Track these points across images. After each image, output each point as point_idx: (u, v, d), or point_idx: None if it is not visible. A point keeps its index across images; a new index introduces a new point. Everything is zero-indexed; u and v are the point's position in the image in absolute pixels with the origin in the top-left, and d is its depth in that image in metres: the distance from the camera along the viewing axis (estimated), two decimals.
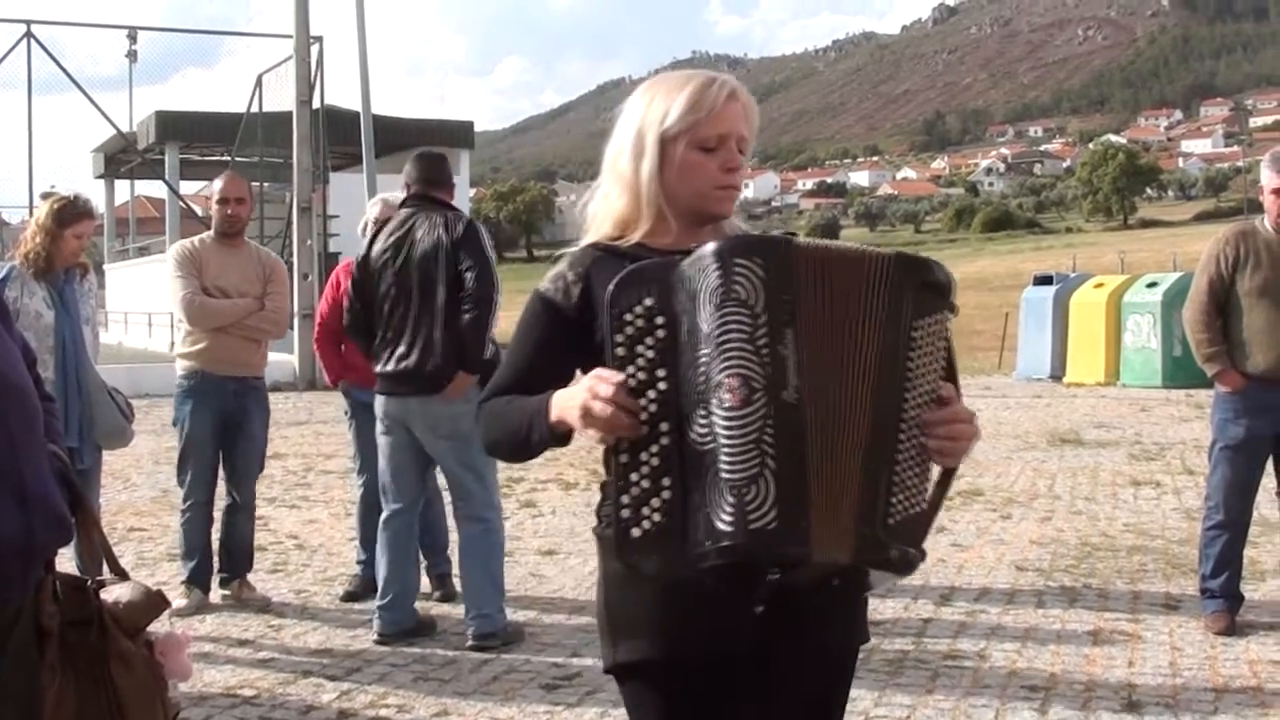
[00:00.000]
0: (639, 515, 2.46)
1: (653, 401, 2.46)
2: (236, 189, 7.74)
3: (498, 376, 2.85)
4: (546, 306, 2.80)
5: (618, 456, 2.49)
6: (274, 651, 6.74)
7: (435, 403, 6.67)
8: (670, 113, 2.74)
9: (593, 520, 2.87)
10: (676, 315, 2.47)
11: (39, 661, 2.99)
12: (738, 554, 2.37)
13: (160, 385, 22.00)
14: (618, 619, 2.75)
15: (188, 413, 7.57)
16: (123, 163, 45.22)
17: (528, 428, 2.69)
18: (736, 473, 2.35)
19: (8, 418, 2.85)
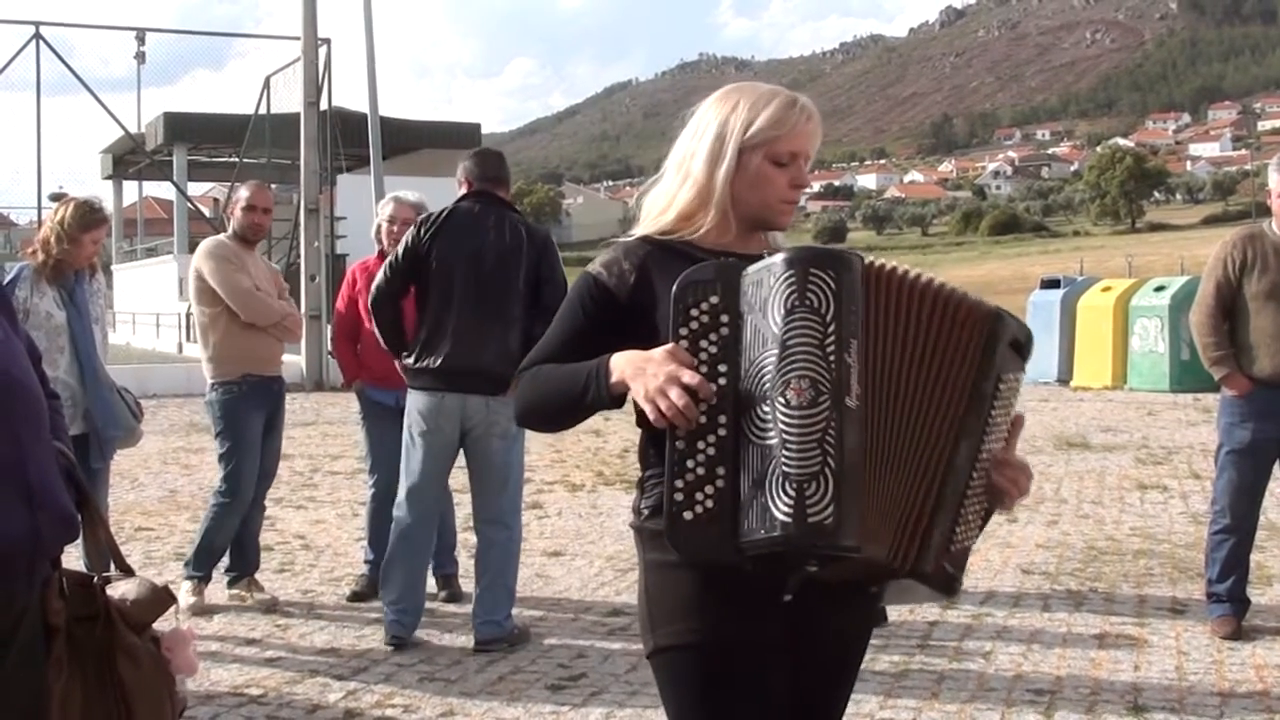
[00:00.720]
0: (692, 500, 2.58)
1: (713, 394, 2.59)
2: (265, 199, 7.80)
3: (542, 346, 2.95)
4: (600, 289, 2.90)
5: (673, 444, 2.61)
6: (281, 651, 6.75)
7: (498, 402, 6.66)
8: (755, 123, 2.85)
9: (599, 520, 2.98)
10: (741, 315, 2.62)
11: (46, 657, 3.00)
12: (792, 544, 2.50)
13: (167, 385, 22.10)
14: (656, 605, 2.87)
15: (240, 418, 7.54)
16: (131, 164, 45.37)
17: (583, 387, 2.78)
18: (799, 467, 2.49)
19: (13, 416, 2.86)
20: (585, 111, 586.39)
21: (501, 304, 6.65)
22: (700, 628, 2.79)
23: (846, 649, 2.98)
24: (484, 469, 6.86)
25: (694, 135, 2.93)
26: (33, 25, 28.43)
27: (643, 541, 2.90)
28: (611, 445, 15.03)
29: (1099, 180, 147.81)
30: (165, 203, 61.24)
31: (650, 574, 2.88)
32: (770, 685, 2.83)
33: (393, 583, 6.85)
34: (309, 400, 21.22)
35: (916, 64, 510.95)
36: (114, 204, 47.84)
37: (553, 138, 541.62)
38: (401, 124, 37.16)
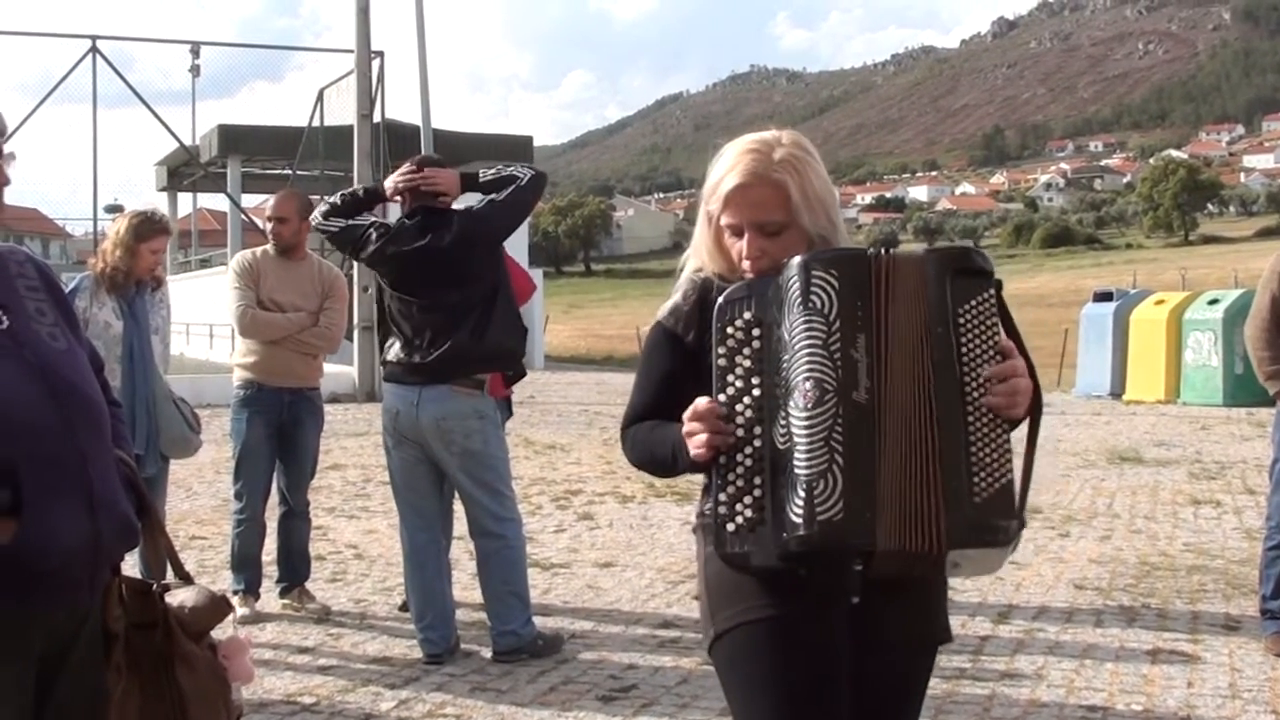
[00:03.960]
0: (733, 512, 2.70)
1: (748, 407, 2.71)
2: (281, 208, 7.85)
3: (631, 403, 3.11)
4: (667, 338, 3.07)
5: (716, 458, 2.73)
6: (333, 659, 6.79)
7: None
8: (706, 190, 2.99)
9: (649, 532, 3.07)
10: (770, 326, 2.71)
11: (105, 663, 3.03)
12: (810, 544, 2.56)
13: (221, 395, 22.13)
14: (717, 594, 2.96)
15: (243, 423, 7.68)
16: (185, 176, 45.64)
17: (672, 458, 2.92)
18: (808, 468, 2.56)
19: (76, 426, 2.90)
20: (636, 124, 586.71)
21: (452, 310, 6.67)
22: (763, 604, 2.85)
23: (911, 658, 2.99)
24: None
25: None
26: (89, 39, 28.66)
27: (702, 536, 3.01)
28: None
29: (1152, 192, 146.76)
30: (219, 214, 61.54)
31: (710, 566, 2.93)
32: (836, 666, 2.86)
33: (413, 600, 6.88)
34: (361, 411, 21.30)
35: (968, 75, 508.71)
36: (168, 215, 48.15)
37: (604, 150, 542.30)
38: (454, 136, 37.22)
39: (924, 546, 2.60)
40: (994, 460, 2.65)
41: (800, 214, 2.89)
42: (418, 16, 25.21)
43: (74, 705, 2.99)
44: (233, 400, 7.80)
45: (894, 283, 2.67)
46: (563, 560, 9.19)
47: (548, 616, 7.40)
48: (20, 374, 2.85)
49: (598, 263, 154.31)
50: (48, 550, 2.81)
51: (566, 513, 11.26)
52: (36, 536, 2.78)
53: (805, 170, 2.90)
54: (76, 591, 2.95)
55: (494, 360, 6.81)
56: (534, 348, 30.28)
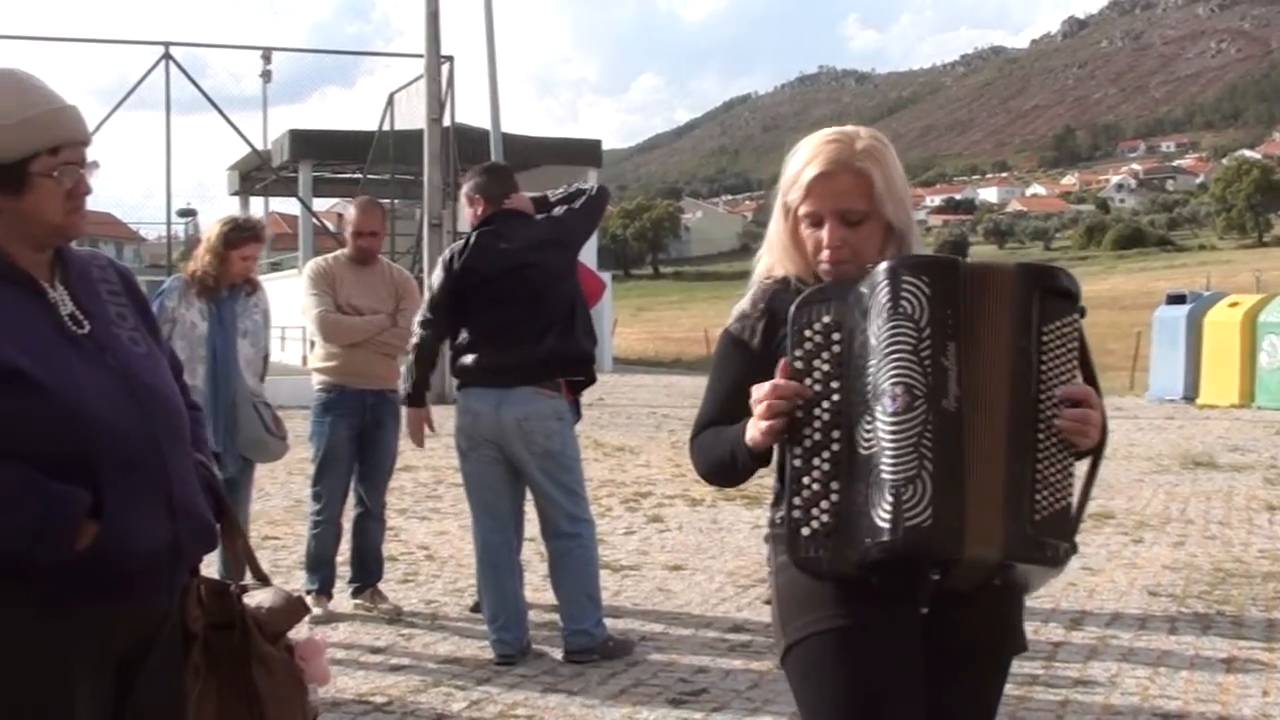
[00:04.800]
0: (808, 516, 2.68)
1: (826, 411, 2.69)
2: (371, 222, 7.88)
3: (700, 412, 3.08)
4: (736, 345, 3.02)
5: (791, 461, 2.71)
6: (405, 659, 6.84)
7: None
8: (786, 188, 2.96)
9: (719, 536, 3.07)
10: (851, 331, 2.69)
11: (184, 664, 3.07)
12: (895, 550, 2.55)
13: (292, 397, 22.30)
14: (788, 603, 2.94)
15: (326, 426, 7.74)
16: (257, 180, 45.98)
17: (731, 455, 2.91)
18: (896, 473, 2.54)
19: (157, 429, 2.94)
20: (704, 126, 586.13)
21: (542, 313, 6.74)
22: (835, 614, 2.83)
23: (985, 665, 2.97)
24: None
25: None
26: (163, 45, 28.94)
27: (773, 546, 2.97)
28: None
29: (1225, 193, 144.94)
30: (290, 218, 62.02)
31: (781, 575, 2.94)
32: (909, 676, 2.83)
33: (486, 601, 6.94)
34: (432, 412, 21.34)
35: (1038, 76, 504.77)
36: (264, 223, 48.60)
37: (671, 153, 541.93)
38: (523, 140, 37.31)
39: (987, 556, 2.62)
40: (1057, 481, 2.66)
41: (883, 204, 2.88)
42: (487, 21, 25.35)
43: (153, 705, 3.02)
44: (314, 403, 7.86)
45: (981, 293, 2.66)
46: (633, 562, 9.21)
47: (618, 618, 7.41)
48: (102, 378, 2.89)
49: (666, 265, 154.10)
50: (128, 552, 2.85)
51: (636, 515, 11.28)
52: (118, 539, 2.82)
53: (887, 161, 2.90)
54: (156, 593, 2.98)
55: (579, 363, 6.88)
56: (603, 350, 30.32)
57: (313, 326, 7.80)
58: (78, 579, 2.83)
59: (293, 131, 41.87)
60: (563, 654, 6.77)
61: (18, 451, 2.78)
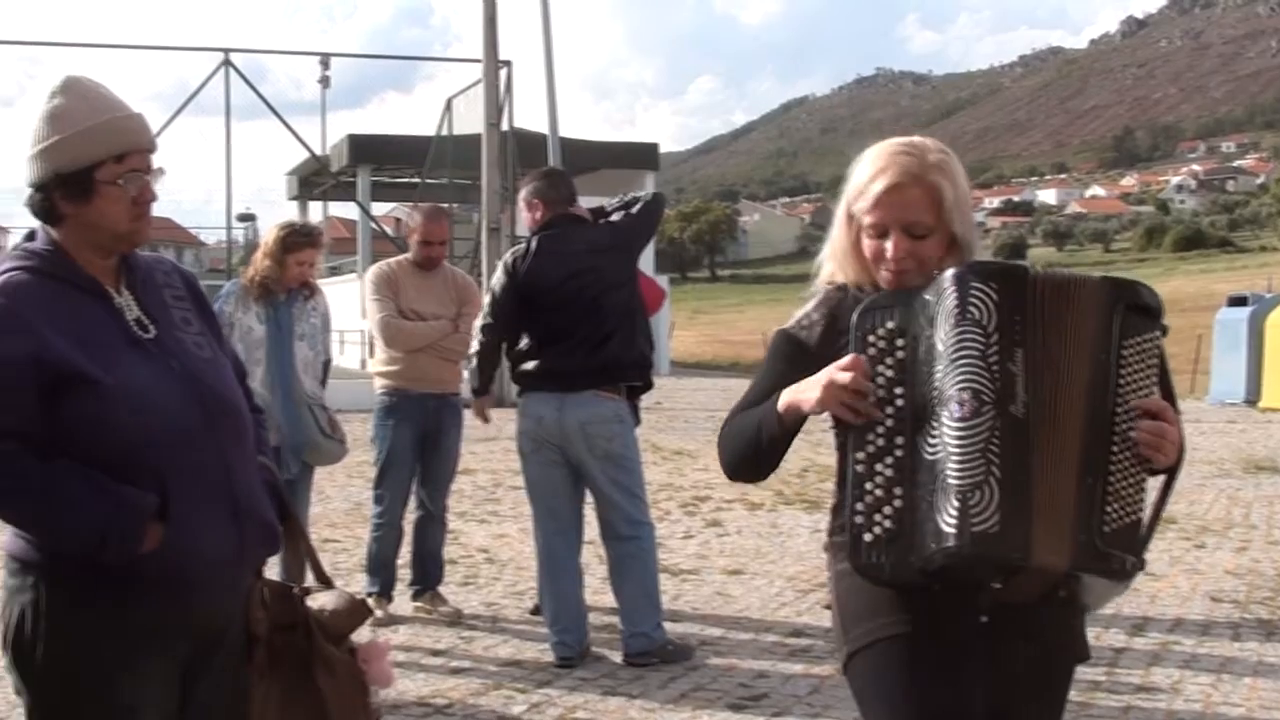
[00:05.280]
0: (871, 522, 2.64)
1: (890, 416, 2.65)
2: (438, 231, 7.91)
3: (737, 406, 3.01)
4: (790, 342, 2.98)
5: (854, 467, 2.67)
6: (465, 662, 6.85)
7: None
8: (852, 195, 2.91)
9: (778, 540, 3.04)
10: (916, 337, 2.67)
11: (247, 665, 3.09)
12: (961, 556, 2.53)
13: (351, 401, 22.43)
14: (849, 611, 2.90)
15: (388, 429, 7.78)
16: (316, 185, 46.25)
17: (756, 428, 2.87)
18: (963, 479, 2.52)
19: (221, 434, 2.97)
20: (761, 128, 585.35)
21: (605, 317, 6.76)
22: (896, 621, 2.79)
23: (1048, 674, 2.92)
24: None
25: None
26: (222, 52, 29.16)
27: (834, 554, 2.93)
28: (791, 464, 14.97)
29: None
30: (349, 222, 62.37)
31: (841, 583, 2.90)
32: (972, 684, 2.80)
33: (546, 604, 6.94)
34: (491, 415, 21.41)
35: (1097, 76, 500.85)
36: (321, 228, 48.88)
37: (729, 155, 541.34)
38: (580, 144, 37.36)
39: (1053, 565, 2.59)
40: (1129, 494, 2.64)
41: (951, 218, 2.85)
42: (544, 26, 25.41)
43: (217, 705, 3.05)
44: (376, 407, 7.90)
45: (1058, 301, 2.63)
46: (691, 567, 9.20)
47: (677, 623, 7.40)
48: (167, 382, 2.92)
49: (723, 268, 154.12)
50: (193, 555, 2.88)
51: (695, 519, 11.27)
52: (183, 541, 2.85)
53: (956, 175, 2.87)
54: (220, 595, 3.01)
55: (638, 369, 6.90)
56: (660, 354, 30.32)
57: (375, 331, 7.83)
58: (143, 581, 2.86)
59: (351, 136, 42.09)
60: (622, 657, 6.77)
61: (85, 455, 2.82)
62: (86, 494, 2.79)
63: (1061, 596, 2.76)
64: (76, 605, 2.87)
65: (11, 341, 2.79)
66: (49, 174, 2.91)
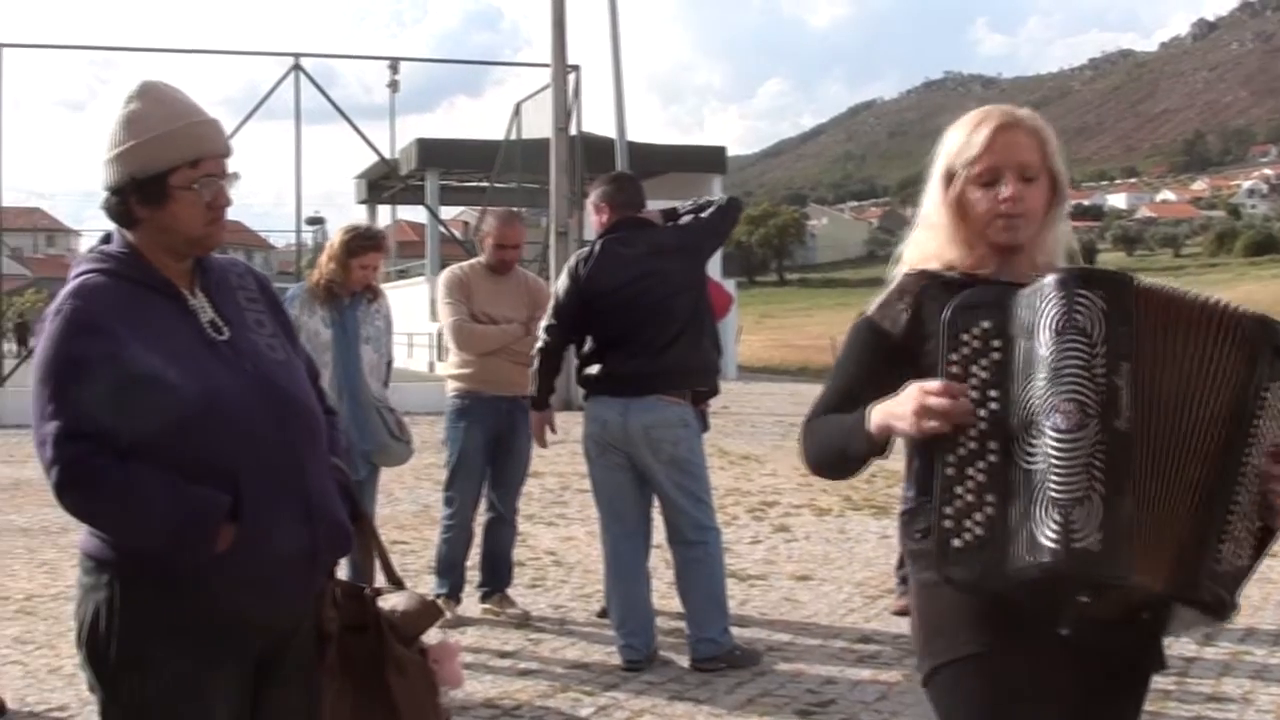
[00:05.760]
0: (961, 527, 2.57)
1: (983, 420, 2.58)
2: (514, 236, 7.96)
3: (823, 395, 2.96)
4: (874, 332, 2.90)
5: (944, 470, 2.60)
6: (533, 664, 6.87)
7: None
8: (950, 151, 2.88)
9: (847, 546, 2.99)
10: (1012, 339, 2.58)
11: (319, 665, 3.11)
12: (1059, 571, 2.46)
13: (419, 403, 22.57)
14: (931, 624, 2.85)
15: (461, 432, 7.81)
16: (385, 188, 46.60)
17: (845, 441, 2.81)
18: (1065, 493, 2.45)
19: (295, 436, 2.99)
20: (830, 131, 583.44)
21: (670, 321, 6.73)
22: (980, 638, 2.74)
23: (1129, 687, 2.89)
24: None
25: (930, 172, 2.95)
26: (292, 56, 29.32)
27: (915, 562, 2.88)
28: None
29: None
30: (417, 226, 62.85)
31: (923, 593, 2.85)
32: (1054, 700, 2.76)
33: (614, 607, 6.94)
34: (558, 419, 21.47)
35: (1168, 79, 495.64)
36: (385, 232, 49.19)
37: (797, 158, 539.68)
38: (648, 148, 37.43)
39: (1163, 588, 2.55)
40: (1243, 539, 2.60)
41: (1054, 161, 2.86)
42: (613, 30, 25.48)
43: (289, 705, 3.07)
44: (448, 409, 7.94)
45: (1177, 320, 2.58)
46: (759, 572, 9.18)
47: (744, 628, 7.39)
48: (241, 384, 2.94)
49: (791, 272, 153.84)
50: (266, 555, 2.90)
51: (762, 524, 11.25)
52: (256, 541, 2.87)
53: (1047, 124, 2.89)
54: (292, 595, 3.03)
55: (703, 374, 6.89)
56: (727, 358, 30.30)
57: (447, 335, 7.88)
58: (216, 580, 2.88)
59: (420, 140, 42.37)
60: (689, 662, 6.76)
61: (159, 455, 2.84)
62: (161, 494, 2.81)
63: (1144, 618, 2.72)
64: (150, 604, 2.89)
65: (88, 342, 2.82)
66: (125, 178, 2.94)
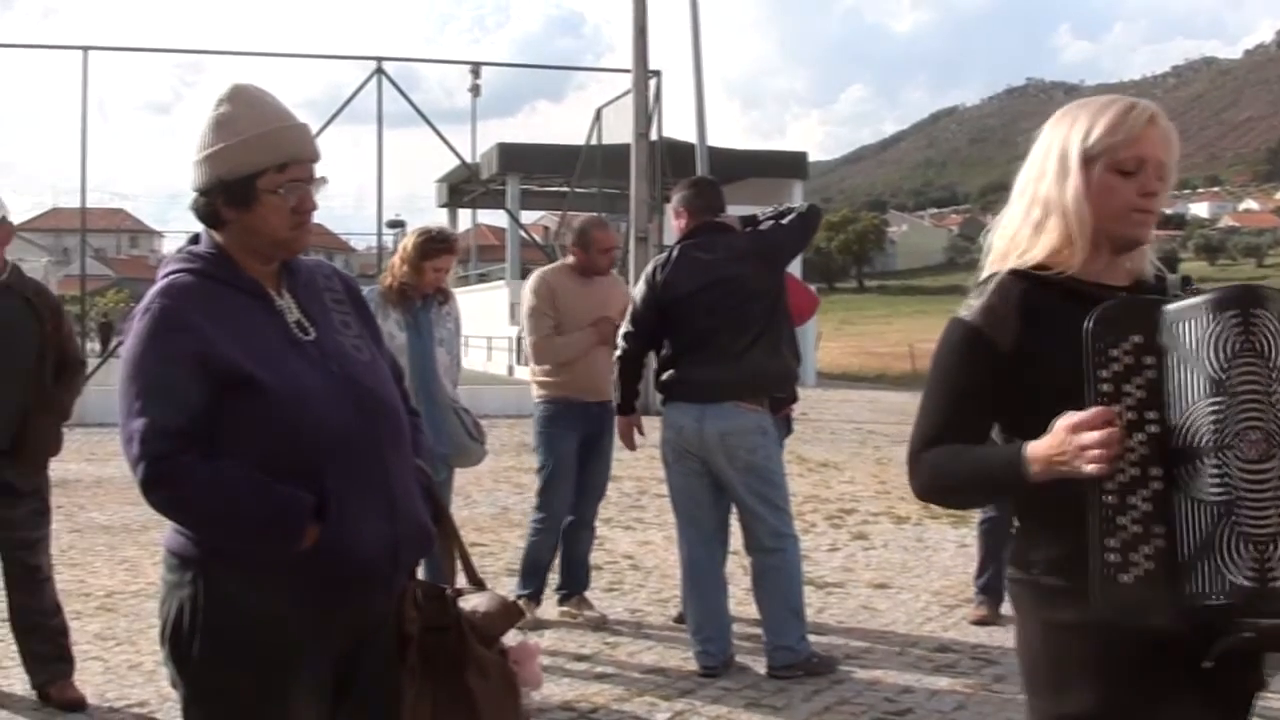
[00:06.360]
0: (1128, 562, 2.40)
1: (1143, 444, 2.42)
2: (610, 240, 8.05)
3: (926, 421, 2.76)
4: (979, 342, 2.70)
5: (1102, 498, 2.41)
6: (609, 668, 6.88)
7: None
8: (1092, 133, 2.69)
9: (924, 554, 2.89)
10: (1164, 356, 2.43)
11: (400, 665, 3.12)
12: (1249, 609, 2.33)
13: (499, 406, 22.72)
14: (1052, 670, 2.67)
15: (555, 438, 7.83)
16: (465, 192, 46.85)
17: (989, 480, 2.66)
18: (1259, 528, 2.31)
19: (379, 435, 3.01)
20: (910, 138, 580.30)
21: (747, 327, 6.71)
22: (1107, 696, 2.59)
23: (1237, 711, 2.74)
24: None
25: (1036, 160, 2.78)
26: (375, 60, 29.52)
27: (1030, 597, 2.72)
28: None
29: None
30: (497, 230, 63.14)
31: (1043, 635, 2.69)
32: None
33: (690, 612, 6.93)
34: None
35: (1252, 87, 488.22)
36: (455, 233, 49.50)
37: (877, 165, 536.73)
38: (728, 153, 37.38)
39: None
40: None
41: (1174, 168, 2.75)
42: (694, 36, 25.49)
43: (370, 703, 3.09)
44: (540, 416, 7.94)
45: None
46: (837, 580, 9.14)
47: (822, 635, 7.36)
48: (327, 384, 2.96)
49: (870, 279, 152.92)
50: (350, 555, 2.92)
51: (840, 531, 11.20)
52: (339, 541, 2.89)
53: None
54: (374, 595, 3.05)
55: (781, 381, 6.87)
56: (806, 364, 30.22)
57: (529, 351, 7.90)
58: (300, 579, 2.90)
59: (501, 145, 42.57)
60: (766, 669, 6.74)
61: (245, 454, 2.87)
62: (247, 492, 2.84)
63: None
64: (233, 601, 2.91)
65: (178, 341, 2.86)
66: (213, 180, 2.97)
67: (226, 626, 2.92)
